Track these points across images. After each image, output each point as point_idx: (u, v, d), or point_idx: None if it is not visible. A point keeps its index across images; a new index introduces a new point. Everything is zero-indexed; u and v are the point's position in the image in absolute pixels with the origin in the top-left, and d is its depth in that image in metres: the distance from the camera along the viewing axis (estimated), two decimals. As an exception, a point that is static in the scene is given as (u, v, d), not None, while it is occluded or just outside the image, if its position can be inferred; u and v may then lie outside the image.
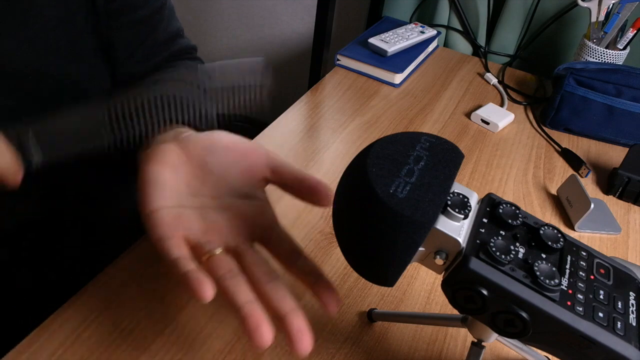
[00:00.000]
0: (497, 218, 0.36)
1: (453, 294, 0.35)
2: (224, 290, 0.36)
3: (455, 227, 0.34)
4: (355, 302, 0.54)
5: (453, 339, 0.51)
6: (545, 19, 1.05)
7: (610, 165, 0.80)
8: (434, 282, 0.57)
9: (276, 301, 0.36)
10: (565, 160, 0.81)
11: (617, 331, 0.32)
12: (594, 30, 0.93)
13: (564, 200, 0.71)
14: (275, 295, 0.37)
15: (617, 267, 0.37)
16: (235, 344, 0.48)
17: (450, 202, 0.35)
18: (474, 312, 0.35)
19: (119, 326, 0.48)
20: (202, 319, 0.50)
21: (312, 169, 0.71)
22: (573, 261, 0.36)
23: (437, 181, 0.34)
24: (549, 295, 0.32)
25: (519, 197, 0.72)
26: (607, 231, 0.68)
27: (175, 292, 0.52)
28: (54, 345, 0.46)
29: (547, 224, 0.36)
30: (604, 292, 0.34)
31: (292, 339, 0.34)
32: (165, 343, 0.47)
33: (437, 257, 0.35)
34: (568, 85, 0.85)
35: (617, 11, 0.89)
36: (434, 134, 0.38)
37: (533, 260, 0.34)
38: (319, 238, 0.60)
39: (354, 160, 0.36)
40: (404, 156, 0.35)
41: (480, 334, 0.41)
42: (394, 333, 0.51)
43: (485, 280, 0.33)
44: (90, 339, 0.47)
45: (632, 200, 0.74)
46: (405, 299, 0.55)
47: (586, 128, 0.87)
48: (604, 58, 0.92)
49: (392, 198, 0.32)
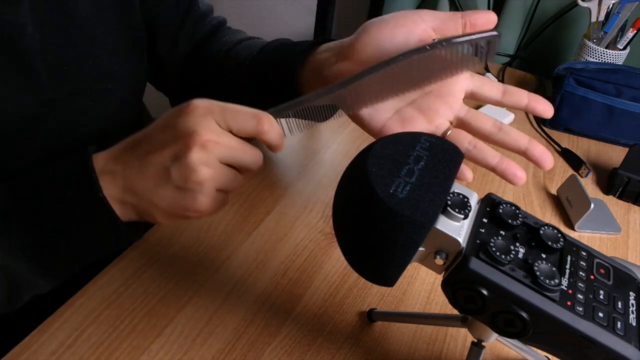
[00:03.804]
0: (497, 218, 0.36)
1: (453, 294, 0.35)
2: (473, 159, 0.45)
3: (455, 227, 0.34)
4: (355, 302, 0.54)
5: (453, 339, 0.51)
6: (545, 19, 1.05)
7: (610, 165, 0.80)
8: (434, 282, 0.57)
9: (513, 142, 0.45)
10: (565, 160, 0.81)
11: (617, 331, 0.32)
12: (594, 30, 0.93)
13: (564, 200, 0.71)
14: (510, 138, 0.45)
15: (617, 267, 0.37)
16: (235, 344, 0.48)
17: (450, 202, 0.35)
18: (474, 312, 0.35)
19: (119, 326, 0.48)
20: (202, 319, 0.50)
21: (312, 169, 0.71)
22: (573, 261, 0.36)
23: (437, 181, 0.34)
24: (549, 295, 0.32)
25: (519, 197, 0.72)
26: (607, 231, 0.68)
27: (175, 292, 0.52)
28: (54, 345, 0.46)
29: (547, 224, 0.36)
30: (604, 292, 0.34)
31: (538, 162, 0.44)
32: (165, 343, 0.47)
33: (437, 257, 0.35)
34: (568, 85, 0.85)
35: (617, 11, 0.89)
36: (434, 134, 0.38)
37: (533, 260, 0.34)
38: (319, 238, 0.60)
39: (354, 160, 0.36)
40: (404, 156, 0.35)
41: (480, 334, 0.41)
42: (394, 333, 0.51)
43: (485, 280, 0.33)
44: (90, 339, 0.47)
45: (632, 200, 0.74)
46: (405, 299, 0.55)
47: (586, 128, 0.86)
48: (604, 58, 0.92)
49: (392, 198, 0.32)
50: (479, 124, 0.46)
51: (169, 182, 0.39)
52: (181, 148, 0.38)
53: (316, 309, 0.52)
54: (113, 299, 0.50)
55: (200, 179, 0.38)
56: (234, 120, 0.39)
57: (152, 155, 0.39)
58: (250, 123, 0.39)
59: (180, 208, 0.40)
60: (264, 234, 0.60)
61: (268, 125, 0.40)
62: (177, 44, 0.61)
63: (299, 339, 0.49)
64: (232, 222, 0.60)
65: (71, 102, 0.49)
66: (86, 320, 0.48)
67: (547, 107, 0.46)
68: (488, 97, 0.46)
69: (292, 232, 0.60)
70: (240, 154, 0.40)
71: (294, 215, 0.63)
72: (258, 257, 0.57)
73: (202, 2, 0.63)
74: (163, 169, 0.39)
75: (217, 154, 0.38)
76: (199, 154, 0.37)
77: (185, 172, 0.38)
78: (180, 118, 0.39)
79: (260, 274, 0.55)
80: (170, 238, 0.57)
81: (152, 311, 0.50)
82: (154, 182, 0.39)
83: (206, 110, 0.39)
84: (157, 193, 0.39)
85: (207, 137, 0.38)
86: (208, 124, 0.38)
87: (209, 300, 0.51)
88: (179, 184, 0.38)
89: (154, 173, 0.39)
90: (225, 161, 0.39)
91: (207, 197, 0.39)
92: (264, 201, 0.64)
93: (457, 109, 0.46)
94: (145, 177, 0.39)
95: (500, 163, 0.45)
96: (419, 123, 0.46)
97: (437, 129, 0.46)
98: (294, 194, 0.66)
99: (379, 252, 0.33)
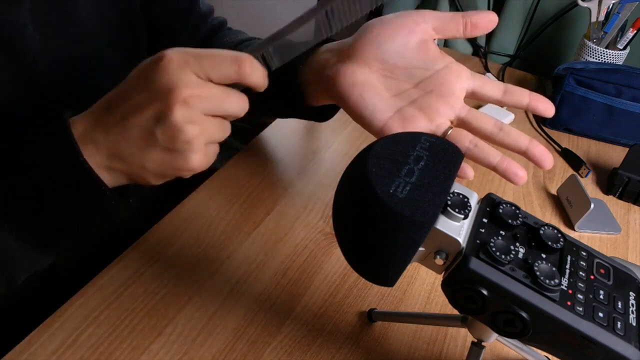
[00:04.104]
0: (497, 218, 0.36)
1: (453, 294, 0.35)
2: (475, 159, 0.45)
3: (455, 227, 0.34)
4: (355, 302, 0.54)
5: (453, 339, 0.51)
6: (545, 19, 1.05)
7: (610, 165, 0.80)
8: (434, 282, 0.57)
9: (514, 143, 0.45)
10: (565, 160, 0.81)
11: (617, 331, 0.32)
12: (594, 30, 0.93)
13: (564, 200, 0.71)
14: (510, 139, 0.45)
15: (617, 267, 0.37)
16: (236, 344, 0.48)
17: (450, 202, 0.35)
18: (474, 312, 0.35)
19: (119, 326, 0.48)
20: (202, 319, 0.50)
21: (312, 169, 0.71)
22: (573, 261, 0.36)
23: (437, 181, 0.34)
24: (549, 295, 0.32)
25: (519, 197, 0.72)
26: (607, 231, 0.68)
27: (175, 292, 0.52)
28: (54, 345, 0.46)
29: (547, 224, 0.36)
30: (604, 292, 0.34)
31: (538, 162, 0.44)
32: (165, 343, 0.47)
33: (437, 257, 0.35)
34: (568, 85, 0.85)
35: (617, 11, 0.89)
36: (434, 134, 0.38)
37: (533, 260, 0.34)
38: (319, 238, 0.60)
39: (354, 160, 0.36)
40: (404, 156, 0.35)
41: (480, 334, 0.41)
42: (394, 333, 0.51)
43: (485, 280, 0.33)
44: (90, 339, 0.47)
45: (632, 200, 0.74)
46: (405, 299, 0.55)
47: (586, 128, 0.86)
48: (604, 58, 0.92)
49: (392, 198, 0.32)
50: (480, 123, 0.46)
51: (156, 145, 0.37)
52: (162, 108, 0.36)
53: (316, 309, 0.52)
54: (113, 299, 0.50)
55: (188, 137, 0.36)
56: (212, 69, 0.37)
57: (133, 118, 0.37)
58: (230, 69, 0.37)
59: (172, 168, 0.39)
60: (264, 234, 0.60)
61: (250, 67, 0.37)
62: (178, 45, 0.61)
63: (299, 339, 0.49)
64: (232, 222, 0.60)
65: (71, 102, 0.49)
66: (86, 320, 0.48)
67: (548, 106, 0.46)
68: (489, 96, 0.46)
69: (292, 232, 0.60)
70: (224, 103, 0.38)
71: (294, 215, 0.63)
72: (258, 257, 0.57)
73: (202, 2, 0.63)
74: (147, 131, 0.37)
75: (200, 108, 0.37)
76: (182, 111, 0.36)
77: (171, 133, 0.36)
78: (155, 74, 0.36)
79: (260, 274, 0.55)
80: (170, 238, 0.57)
81: (152, 311, 0.50)
82: (140, 146, 0.38)
83: (182, 62, 0.36)
84: (145, 156, 0.38)
85: (187, 92, 0.36)
86: (186, 77, 0.36)
87: (209, 300, 0.51)
88: (166, 145, 0.37)
89: (138, 137, 0.37)
90: (211, 113, 0.38)
91: (197, 153, 0.38)
92: (264, 201, 0.64)
93: (458, 109, 0.46)
94: (129, 141, 0.38)
95: (501, 162, 0.45)
96: (420, 122, 0.46)
97: (438, 128, 0.46)
98: (294, 194, 0.66)
99: (379, 252, 0.33)
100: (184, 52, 0.37)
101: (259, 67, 0.39)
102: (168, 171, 0.39)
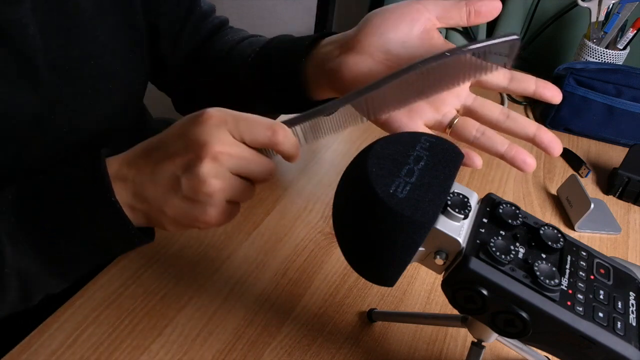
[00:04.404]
0: (497, 218, 0.36)
1: (453, 294, 0.35)
2: (482, 147, 0.45)
3: (455, 227, 0.34)
4: (355, 302, 0.54)
5: (453, 339, 0.51)
6: (545, 19, 1.05)
7: (610, 165, 0.80)
8: (434, 282, 0.57)
9: (521, 129, 0.45)
10: (565, 160, 0.81)
11: (617, 331, 0.32)
12: (594, 30, 0.93)
13: (564, 200, 0.71)
14: (518, 125, 0.45)
15: (617, 267, 0.37)
16: (236, 344, 0.48)
17: (450, 202, 0.35)
18: (474, 312, 0.35)
19: (119, 326, 0.48)
20: (202, 319, 0.50)
21: (312, 168, 0.71)
22: (573, 261, 0.36)
23: (437, 181, 0.34)
24: (549, 295, 0.32)
25: (519, 197, 0.72)
26: (607, 231, 0.68)
27: (175, 292, 0.52)
28: (54, 345, 0.46)
29: (547, 224, 0.36)
30: (604, 292, 0.34)
31: (547, 148, 0.44)
32: (165, 343, 0.47)
33: (437, 257, 0.35)
34: (568, 85, 0.85)
35: (617, 11, 0.89)
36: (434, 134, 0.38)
37: (533, 260, 0.34)
38: (319, 238, 0.60)
39: (354, 160, 0.36)
40: (404, 156, 0.35)
41: (480, 334, 0.41)
42: (394, 333, 0.51)
43: (485, 280, 0.33)
44: (90, 339, 0.47)
45: (632, 200, 0.74)
46: (405, 299, 0.55)
47: (586, 128, 0.87)
48: (604, 58, 0.92)
49: (392, 198, 0.32)
50: (486, 111, 0.46)
51: (178, 192, 0.38)
52: (192, 158, 0.38)
53: (316, 309, 0.52)
54: (113, 299, 0.50)
55: (210, 191, 0.38)
56: (247, 131, 0.39)
57: (164, 164, 0.39)
58: (264, 134, 0.39)
59: (189, 218, 0.40)
60: (264, 234, 0.60)
61: (283, 136, 0.39)
62: (179, 44, 0.61)
63: (299, 339, 0.49)
64: (232, 222, 0.60)
65: (72, 102, 0.49)
66: (86, 320, 0.48)
67: (555, 92, 0.45)
68: (495, 84, 0.46)
69: (292, 232, 0.60)
70: (251, 165, 0.39)
71: (294, 215, 0.63)
72: (258, 257, 0.57)
73: (203, 1, 0.63)
74: (174, 178, 0.38)
75: (228, 165, 0.38)
76: (210, 165, 0.37)
77: (195, 184, 0.38)
78: (193, 127, 0.38)
79: (260, 274, 0.55)
80: (170, 238, 0.57)
81: (152, 311, 0.50)
82: (164, 191, 0.39)
83: (220, 121, 0.38)
84: (166, 202, 0.39)
85: (218, 148, 0.37)
86: (221, 134, 0.38)
87: (209, 300, 0.51)
88: (188, 195, 0.38)
89: (164, 181, 0.39)
90: (237, 172, 0.39)
91: (216, 208, 0.39)
92: (264, 201, 0.64)
93: (464, 97, 0.46)
94: (156, 184, 0.39)
95: (509, 150, 0.44)
96: (426, 112, 0.45)
97: (444, 117, 0.46)
98: (294, 194, 0.66)
99: (379, 252, 0.33)
100: (224, 112, 0.39)
101: (291, 138, 0.40)
102: (185, 220, 0.40)
